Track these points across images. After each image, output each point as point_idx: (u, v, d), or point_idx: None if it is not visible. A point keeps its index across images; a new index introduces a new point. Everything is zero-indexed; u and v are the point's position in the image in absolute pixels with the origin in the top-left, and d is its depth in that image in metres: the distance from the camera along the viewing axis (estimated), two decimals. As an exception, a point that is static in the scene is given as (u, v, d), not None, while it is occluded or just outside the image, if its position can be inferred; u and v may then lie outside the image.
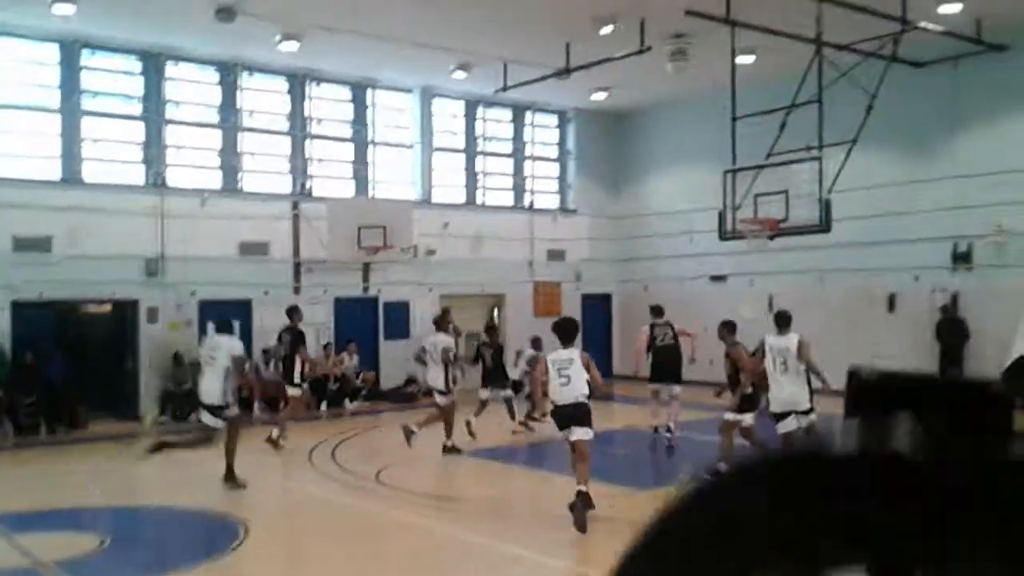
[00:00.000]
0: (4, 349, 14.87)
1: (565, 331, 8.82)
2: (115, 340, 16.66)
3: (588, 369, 8.52)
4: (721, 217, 14.26)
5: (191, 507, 9.47)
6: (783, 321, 9.95)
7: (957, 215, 16.44)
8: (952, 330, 16.56)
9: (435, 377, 12.71)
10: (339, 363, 17.92)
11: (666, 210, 21.69)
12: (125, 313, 16.28)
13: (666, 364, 13.22)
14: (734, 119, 14.47)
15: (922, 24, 14.02)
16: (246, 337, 17.29)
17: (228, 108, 17.86)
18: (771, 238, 13.78)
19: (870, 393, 2.06)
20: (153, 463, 12.12)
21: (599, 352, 22.50)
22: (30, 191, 15.32)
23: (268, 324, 17.54)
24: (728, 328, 10.89)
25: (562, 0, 14.05)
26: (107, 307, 16.54)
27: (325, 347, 17.98)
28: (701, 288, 20.26)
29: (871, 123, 14.29)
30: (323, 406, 17.31)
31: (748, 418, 10.27)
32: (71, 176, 16.05)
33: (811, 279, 18.41)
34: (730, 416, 10.36)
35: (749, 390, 10.32)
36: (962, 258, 16.56)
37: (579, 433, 8.38)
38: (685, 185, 21.01)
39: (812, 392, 9.72)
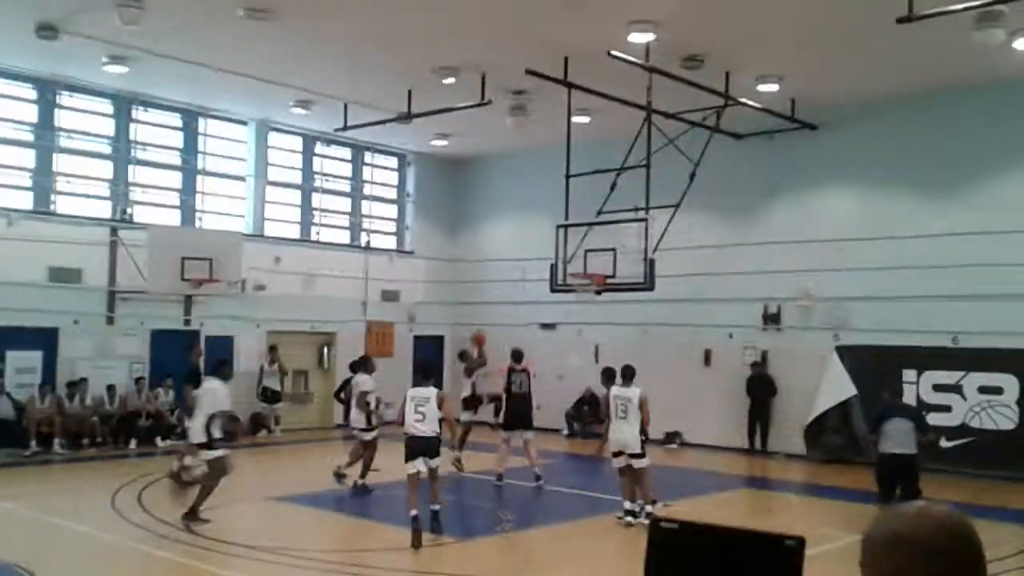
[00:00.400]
0: None
1: (424, 370, 10.09)
2: None
3: (442, 407, 9.95)
4: (552, 269, 14.61)
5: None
6: (628, 374, 11.24)
7: (769, 278, 17.58)
8: (761, 385, 17.60)
9: (355, 417, 13.16)
10: (153, 399, 17.00)
11: (500, 256, 22.05)
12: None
13: (522, 412, 13.57)
14: (568, 176, 14.94)
15: (743, 100, 15.03)
16: (49, 368, 16.23)
17: (45, 126, 16.78)
18: (598, 292, 14.22)
19: (671, 543, 2.17)
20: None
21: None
22: None
23: (76, 353, 16.53)
24: (607, 375, 11.85)
25: (406, 48, 14.11)
26: None
27: (137, 381, 17.04)
28: (531, 335, 20.61)
29: (695, 188, 15.10)
30: (132, 443, 16.34)
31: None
32: None
33: (635, 331, 19.14)
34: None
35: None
36: (772, 319, 17.67)
37: (432, 463, 9.82)
38: (520, 234, 21.46)
39: (645, 440, 11.02)
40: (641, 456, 10.91)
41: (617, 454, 10.97)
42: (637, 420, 10.89)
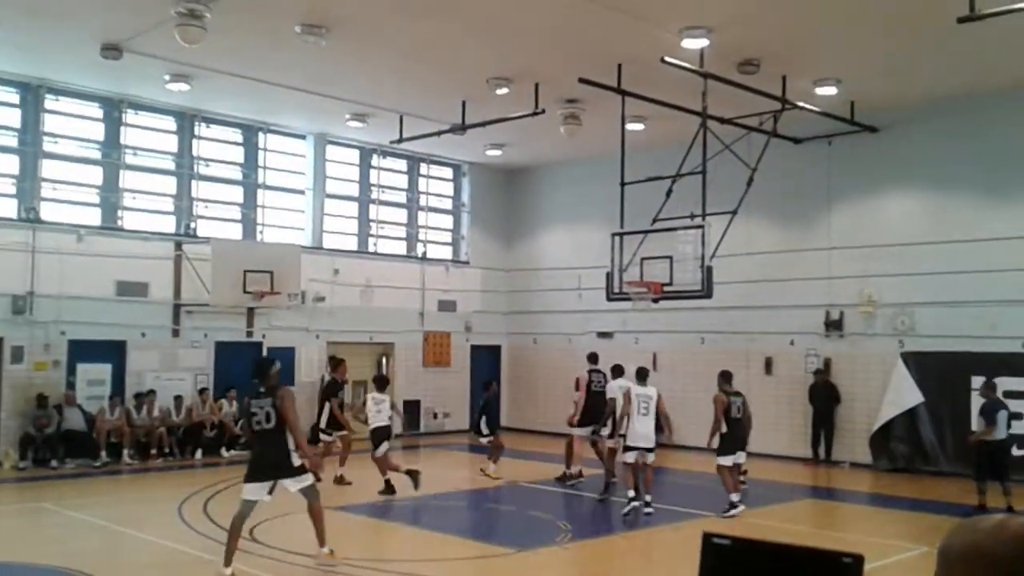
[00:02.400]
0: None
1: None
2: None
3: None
4: (608, 278, 14.56)
5: (45, 564, 8.91)
6: (643, 375, 12.52)
7: (830, 284, 17.26)
8: (824, 393, 17.25)
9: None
10: (217, 410, 17.35)
11: (556, 265, 22.04)
12: (-12, 352, 15.36)
13: (600, 411, 13.75)
14: (623, 184, 14.88)
15: (800, 103, 14.80)
16: (118, 380, 16.67)
17: (111, 144, 17.28)
18: (655, 300, 14.12)
19: (723, 559, 2.14)
20: (14, 514, 11.48)
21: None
22: None
23: (143, 366, 16.96)
24: (723, 377, 12.66)
25: (459, 60, 14.23)
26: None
27: (201, 392, 17.41)
28: (588, 343, 20.54)
29: (752, 194, 14.92)
30: (198, 454, 16.69)
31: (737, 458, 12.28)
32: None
33: (692, 339, 18.96)
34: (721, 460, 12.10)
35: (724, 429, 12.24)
36: (834, 325, 17.33)
37: None
38: (575, 242, 21.43)
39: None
40: (653, 450, 12.08)
41: (631, 448, 11.92)
42: (653, 418, 12.10)
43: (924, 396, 15.78)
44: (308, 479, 8.74)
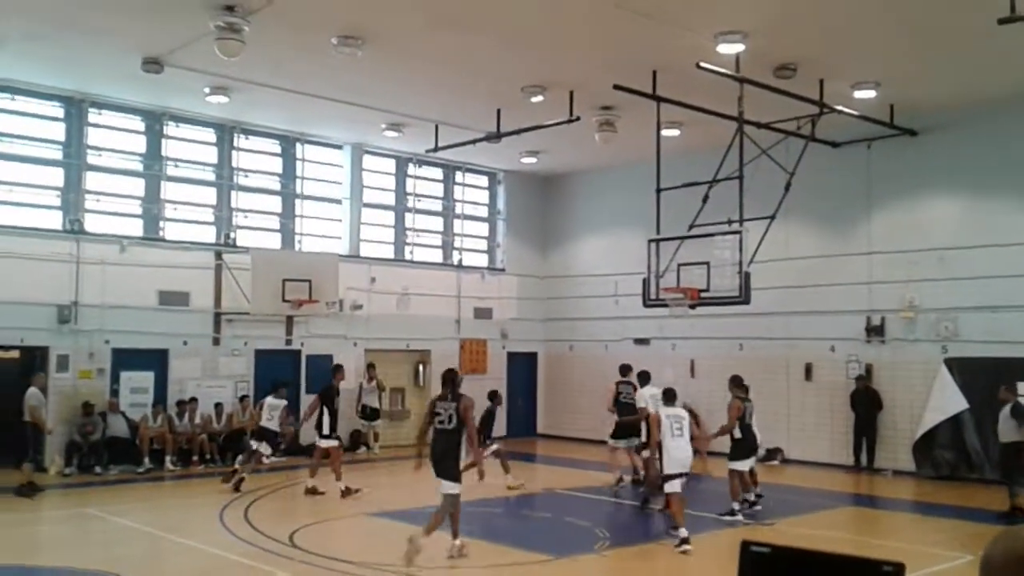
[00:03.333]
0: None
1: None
2: (22, 388, 15.97)
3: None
4: (645, 284, 14.51)
5: (94, 569, 9.07)
6: (671, 396, 11.47)
7: (871, 289, 17.05)
8: (866, 400, 17.02)
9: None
10: (256, 416, 17.50)
11: (592, 272, 22.01)
12: (34, 360, 15.66)
13: (628, 421, 14.02)
14: (659, 190, 14.83)
15: (838, 107, 14.65)
16: (160, 387, 16.93)
17: (153, 156, 17.59)
18: (692, 307, 14.05)
19: (762, 568, 2.13)
20: (59, 520, 11.70)
21: (524, 410, 22.57)
22: (-61, 232, 14.80)
23: (184, 374, 17.21)
24: (734, 382, 12.79)
25: (494, 68, 14.29)
26: (14, 354, 15.91)
27: (242, 399, 17.61)
28: (624, 350, 20.47)
29: (790, 199, 14.80)
30: (239, 460, 16.84)
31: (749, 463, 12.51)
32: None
33: (730, 345, 18.81)
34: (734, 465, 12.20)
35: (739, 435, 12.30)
36: (876, 331, 17.10)
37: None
38: (611, 249, 21.38)
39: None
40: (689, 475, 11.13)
41: (671, 477, 10.76)
42: (688, 437, 11.12)
43: (968, 402, 15.52)
44: (456, 489, 9.64)
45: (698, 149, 16.72)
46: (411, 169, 21.48)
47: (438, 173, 22.16)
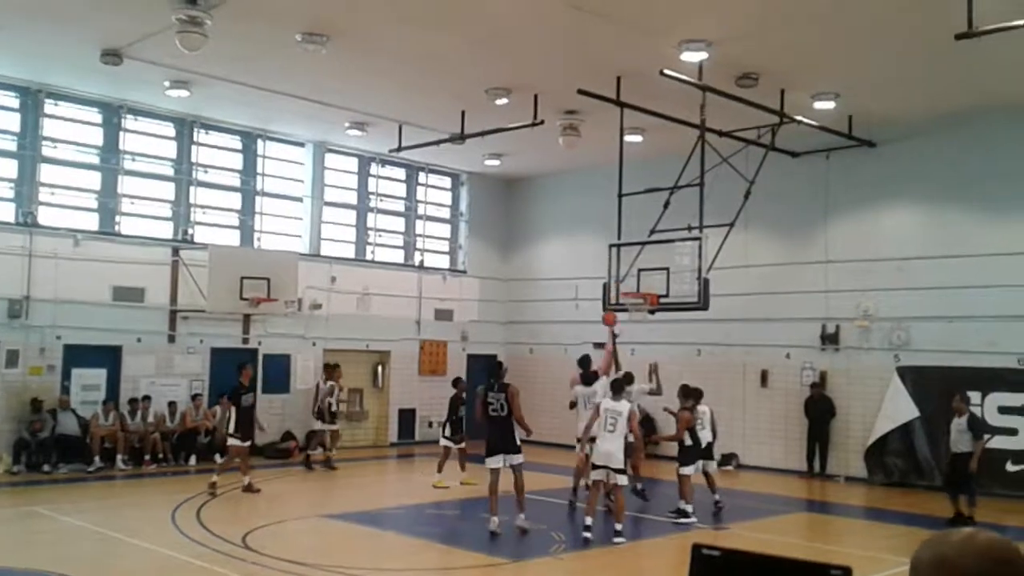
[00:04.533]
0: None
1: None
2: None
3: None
4: (605, 288, 14.58)
5: (39, 570, 8.89)
6: (618, 388, 11.62)
7: (827, 297, 17.29)
8: (820, 407, 17.26)
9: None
10: (211, 416, 17.30)
11: (553, 276, 22.07)
12: (-19, 356, 15.31)
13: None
14: (620, 195, 14.90)
15: (798, 117, 14.86)
16: (113, 385, 16.65)
17: (110, 149, 17.29)
18: (652, 312, 14.13)
19: (714, 571, 2.14)
20: (5, 519, 11.45)
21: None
22: None
23: (138, 371, 16.94)
24: (683, 392, 13.13)
25: (459, 70, 14.26)
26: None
27: (195, 398, 17.37)
28: (584, 353, 20.54)
29: (750, 206, 14.95)
30: (192, 460, 16.64)
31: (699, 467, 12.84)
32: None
33: (689, 351, 18.97)
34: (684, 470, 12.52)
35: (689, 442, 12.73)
36: (830, 339, 17.35)
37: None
38: (572, 253, 21.46)
39: (627, 457, 11.58)
40: (623, 472, 11.27)
41: (597, 467, 11.17)
42: (623, 435, 11.24)
43: (920, 411, 15.80)
44: (521, 457, 11.28)
45: (660, 155, 16.85)
46: (374, 168, 21.36)
47: (401, 173, 22.07)
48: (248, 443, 14.34)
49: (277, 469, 16.78)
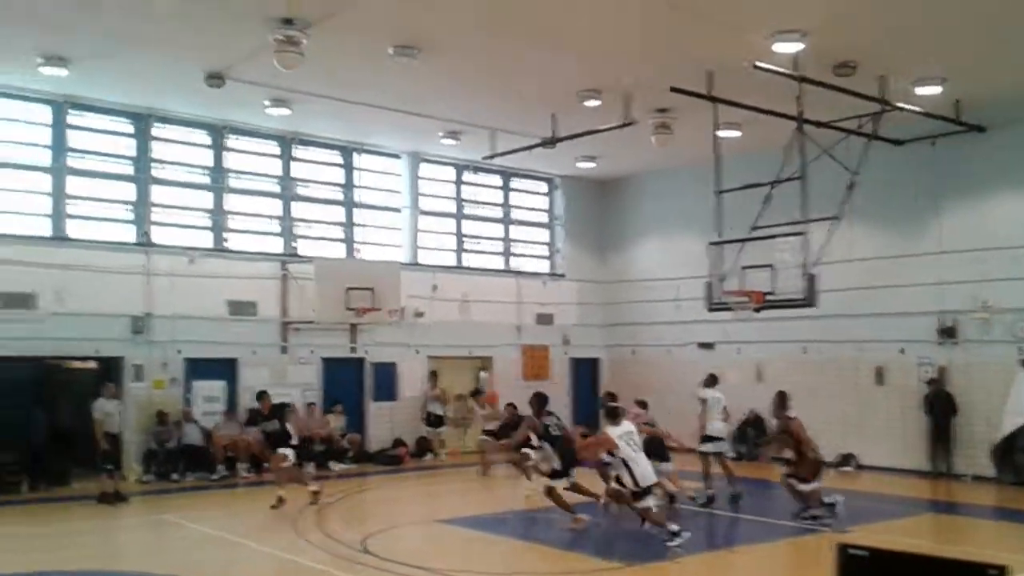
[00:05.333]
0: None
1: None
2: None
3: None
4: (708, 288, 14.39)
5: (168, 573, 9.32)
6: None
7: (941, 290, 16.63)
8: (941, 403, 16.56)
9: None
10: (325, 424, 17.81)
11: (652, 276, 21.89)
12: (110, 371, 16.14)
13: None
14: (719, 192, 14.68)
15: (901, 104, 14.35)
16: (231, 396, 17.30)
17: (217, 169, 17.99)
18: (757, 310, 13.88)
19: (863, 571, 2.13)
20: (139, 527, 12.03)
21: (588, 417, 22.40)
22: (17, 247, 15.30)
23: (254, 382, 17.54)
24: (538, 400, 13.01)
25: (549, 75, 14.32)
26: (91, 364, 16.42)
27: (310, 407, 17.89)
28: (688, 355, 20.37)
29: (855, 198, 14.54)
30: (309, 467, 17.12)
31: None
32: (59, 233, 16.07)
33: (796, 348, 18.54)
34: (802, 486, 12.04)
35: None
36: (948, 332, 16.67)
37: None
38: (671, 253, 21.25)
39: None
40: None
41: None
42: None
43: (1049, 405, 15.04)
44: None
45: (757, 150, 16.53)
46: (468, 176, 21.64)
47: (496, 180, 22.27)
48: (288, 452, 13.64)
49: (390, 476, 17.09)
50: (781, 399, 12.66)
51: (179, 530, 11.91)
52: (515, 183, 22.53)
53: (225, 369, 17.36)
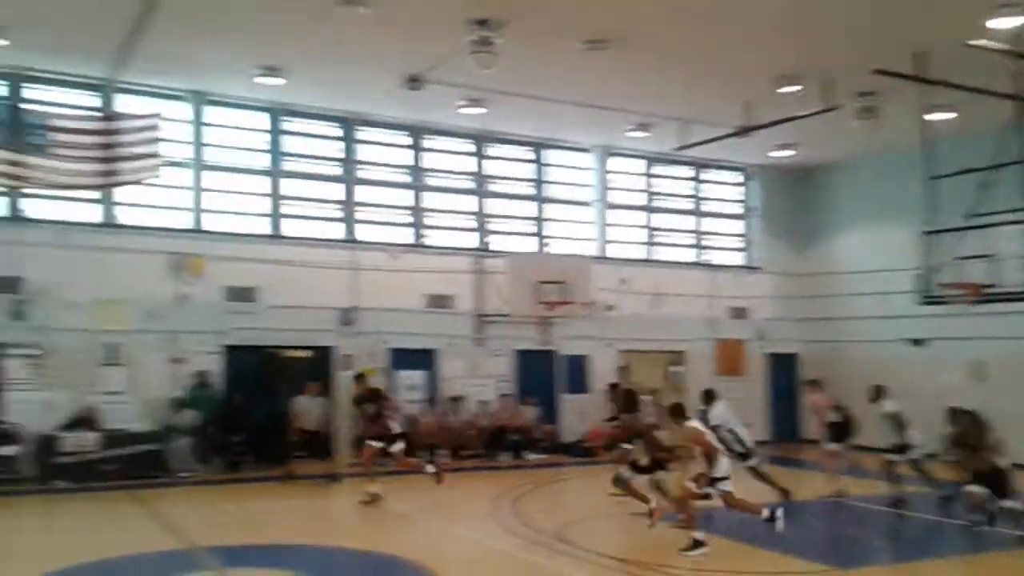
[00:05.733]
0: (216, 390, 16.10)
1: None
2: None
3: None
4: (921, 280, 13.58)
5: (382, 551, 9.85)
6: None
7: None
8: None
9: None
10: (518, 415, 18.24)
11: (856, 269, 20.88)
12: (322, 360, 17.27)
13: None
14: (931, 178, 13.80)
15: None
16: (431, 385, 18.06)
17: (416, 168, 18.80)
18: (975, 303, 12.97)
19: None
20: (349, 507, 12.76)
21: (784, 413, 21.68)
22: (240, 245, 16.63)
23: (452, 372, 18.22)
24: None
25: (744, 61, 14.00)
26: (306, 353, 17.59)
27: (504, 397, 18.37)
28: (898, 351, 19.28)
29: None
30: (503, 456, 17.63)
31: None
32: (276, 232, 17.33)
33: (1017, 346, 17.13)
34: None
35: None
36: None
37: None
38: (877, 244, 20.21)
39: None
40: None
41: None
42: None
43: None
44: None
45: (972, 132, 15.41)
46: (658, 168, 21.46)
47: (687, 171, 21.96)
48: (381, 444, 13.06)
49: (584, 467, 17.25)
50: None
51: (384, 511, 12.53)
52: (706, 174, 22.13)
53: (425, 359, 18.12)
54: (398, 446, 13.06)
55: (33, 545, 10.36)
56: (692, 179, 22.10)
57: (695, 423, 10.56)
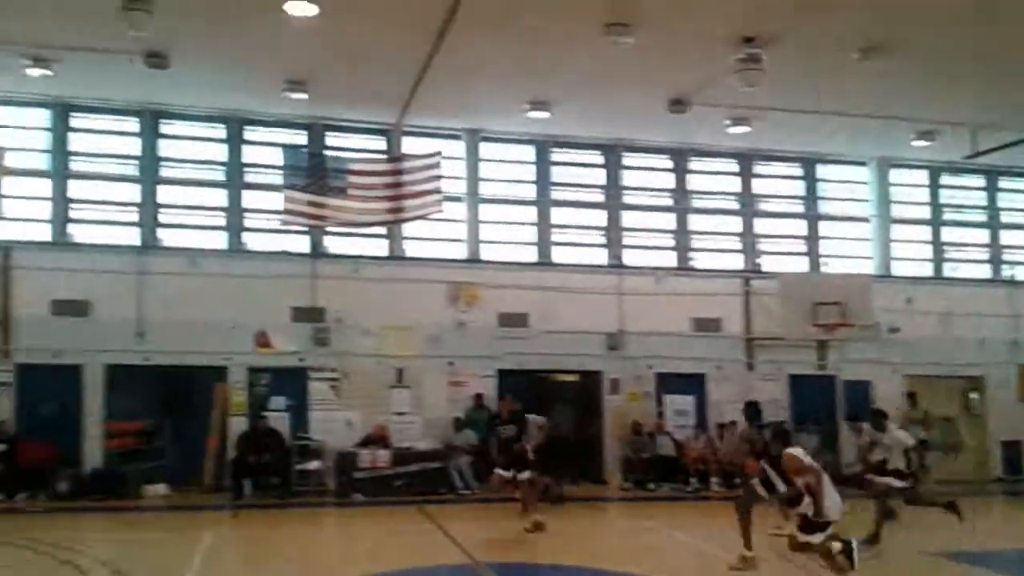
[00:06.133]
0: (491, 412, 16.82)
1: None
2: (582, 408, 17.99)
3: None
4: None
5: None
6: None
7: None
8: None
9: None
10: (739, 451, 17.29)
11: None
12: (590, 384, 17.56)
13: None
14: None
15: None
16: (700, 410, 17.78)
17: (680, 191, 18.72)
18: None
19: None
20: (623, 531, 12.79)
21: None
22: (513, 273, 17.36)
23: (721, 397, 17.84)
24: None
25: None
26: (574, 377, 17.95)
27: (721, 427, 17.28)
28: None
29: None
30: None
31: None
32: (545, 259, 17.92)
33: None
34: None
35: None
36: None
37: None
38: None
39: None
40: None
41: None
42: None
43: None
44: None
45: None
46: (946, 178, 19.88)
47: (979, 181, 20.18)
48: (512, 474, 11.81)
49: (857, 499, 16.13)
50: None
51: (656, 536, 12.43)
52: (1004, 182, 20.18)
53: (693, 384, 17.88)
54: (525, 475, 11.81)
55: (345, 552, 11.24)
56: (985, 188, 20.23)
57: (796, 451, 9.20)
